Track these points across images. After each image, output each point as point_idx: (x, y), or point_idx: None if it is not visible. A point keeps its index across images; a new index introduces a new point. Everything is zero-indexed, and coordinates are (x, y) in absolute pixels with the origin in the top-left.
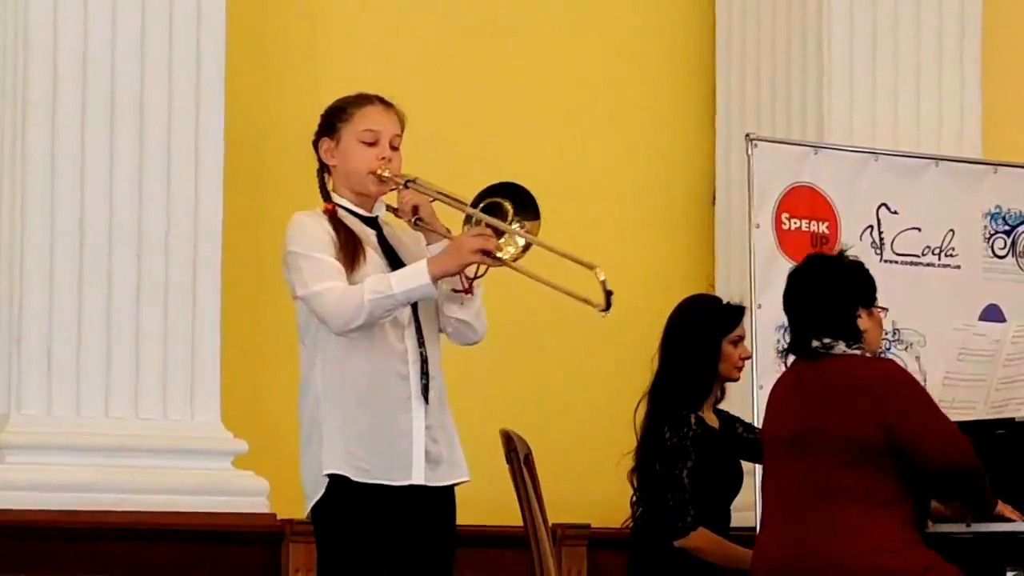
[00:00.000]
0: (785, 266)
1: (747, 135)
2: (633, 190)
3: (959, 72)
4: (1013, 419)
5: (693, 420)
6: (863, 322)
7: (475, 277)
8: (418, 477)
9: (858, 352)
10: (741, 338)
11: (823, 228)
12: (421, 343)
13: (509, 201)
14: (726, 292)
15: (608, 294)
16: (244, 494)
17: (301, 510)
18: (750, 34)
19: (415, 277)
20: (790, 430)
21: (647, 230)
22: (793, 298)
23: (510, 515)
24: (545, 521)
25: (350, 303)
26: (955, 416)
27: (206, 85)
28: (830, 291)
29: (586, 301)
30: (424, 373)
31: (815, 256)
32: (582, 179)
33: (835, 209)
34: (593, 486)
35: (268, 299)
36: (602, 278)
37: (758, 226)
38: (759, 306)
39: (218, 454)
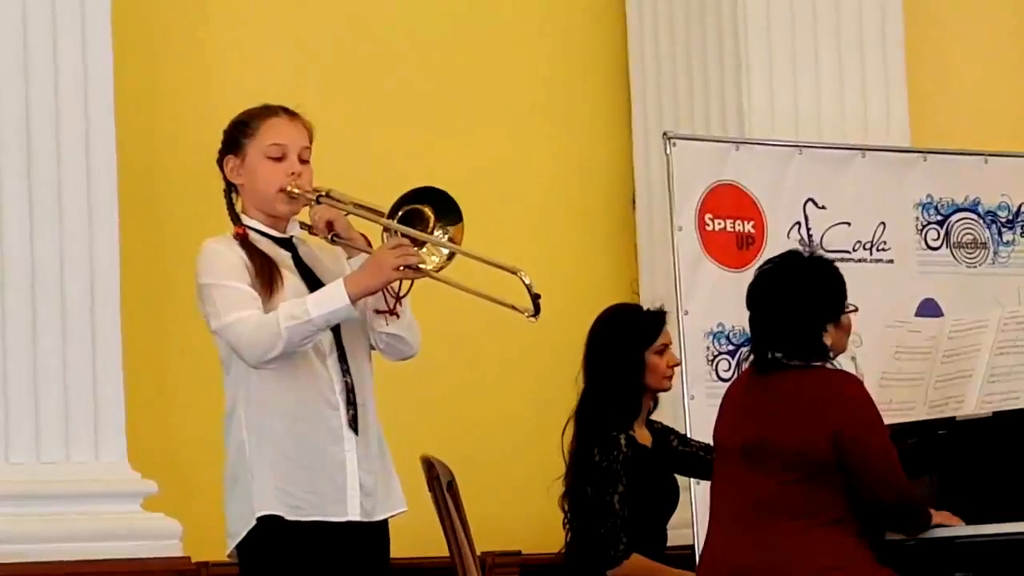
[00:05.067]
0: (711, 269)
1: (665, 133)
2: (549, 195)
3: (882, 57)
4: (954, 418)
5: (623, 442)
6: (829, 336)
7: (400, 295)
8: (354, 512)
9: (818, 365)
10: (666, 346)
11: (749, 227)
12: (345, 371)
13: (429, 207)
14: (651, 298)
15: (535, 298)
16: (156, 537)
17: (217, 551)
18: (663, 27)
19: (333, 299)
20: (741, 440)
21: (565, 237)
22: (755, 306)
23: (436, 545)
24: (472, 550)
25: (265, 332)
26: (894, 417)
27: (95, 114)
28: (796, 308)
29: (513, 307)
30: (351, 403)
31: (784, 261)
32: (495, 186)
33: (760, 207)
34: (522, 510)
35: (171, 330)
36: (527, 282)
37: (680, 228)
38: (686, 312)
39: (126, 496)
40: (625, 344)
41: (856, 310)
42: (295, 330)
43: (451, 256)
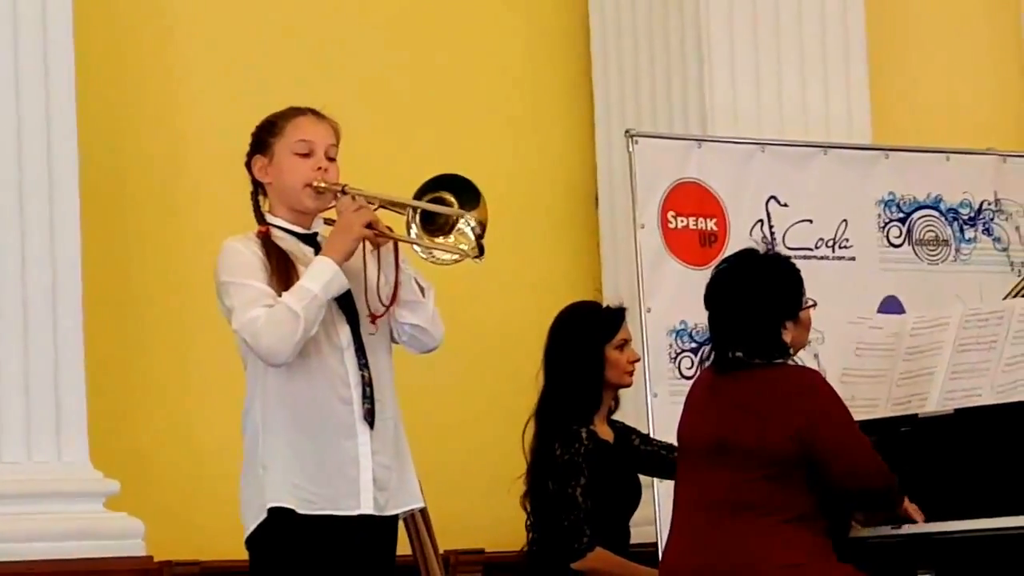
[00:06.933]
0: (674, 267)
1: (627, 131)
2: (512, 193)
3: (844, 54)
4: (916, 415)
5: (584, 435)
6: (788, 333)
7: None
8: (367, 506)
9: (779, 363)
10: (626, 341)
11: (711, 225)
12: (363, 365)
13: (449, 193)
14: (614, 297)
15: (479, 238)
16: (118, 536)
17: (179, 550)
18: (625, 25)
19: (323, 270)
20: (705, 440)
21: (528, 235)
22: (714, 306)
23: (399, 543)
24: (436, 548)
25: (282, 323)
26: (857, 414)
27: (56, 113)
28: (754, 306)
29: (463, 253)
30: (367, 397)
31: (740, 260)
32: None
33: (723, 205)
34: (486, 508)
35: (132, 330)
36: (472, 224)
37: (643, 226)
38: (648, 310)
39: (89, 495)
40: (585, 339)
41: (815, 305)
42: (308, 308)
43: (480, 236)
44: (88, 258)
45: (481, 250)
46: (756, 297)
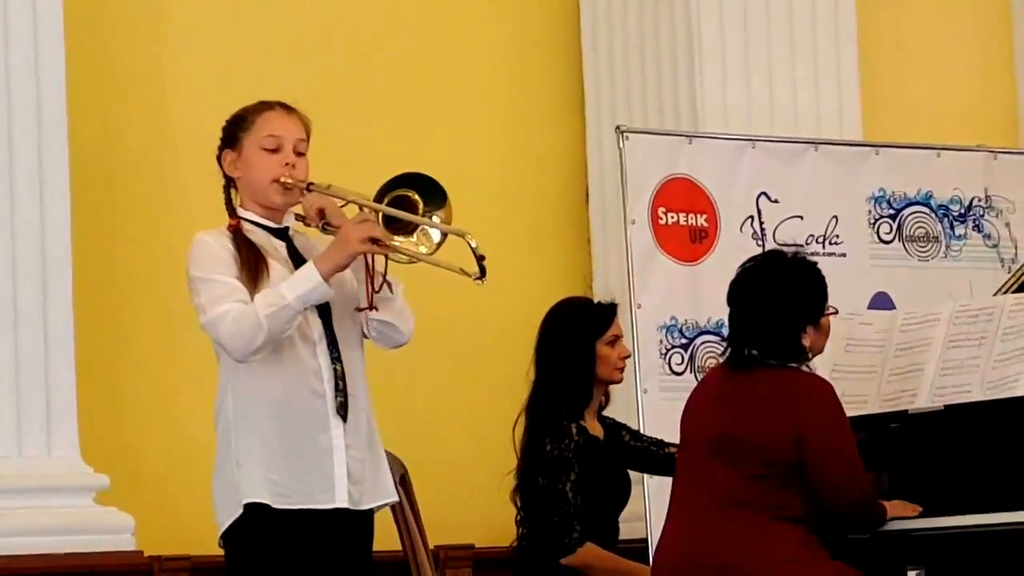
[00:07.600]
0: (664, 263)
1: (617, 127)
2: (502, 189)
3: (835, 51)
4: (906, 411)
5: (574, 430)
6: (808, 338)
7: (377, 271)
8: (342, 499)
9: (793, 366)
10: (617, 337)
11: (702, 221)
12: (335, 358)
13: (415, 192)
14: (605, 293)
15: (480, 259)
16: (108, 531)
17: (169, 545)
18: (616, 21)
19: (306, 279)
20: (708, 434)
21: (519, 231)
22: (736, 304)
23: (389, 538)
24: (425, 543)
25: (246, 324)
26: (847, 410)
27: (47, 110)
28: (776, 308)
29: (461, 271)
30: (340, 390)
31: (766, 260)
32: (448, 180)
33: (713, 200)
34: (475, 504)
35: (122, 325)
36: (474, 245)
37: (633, 222)
38: (639, 306)
39: (79, 490)
40: (576, 335)
41: (836, 312)
42: (274, 317)
43: (442, 240)
44: (78, 254)
45: (483, 272)
46: (780, 299)
